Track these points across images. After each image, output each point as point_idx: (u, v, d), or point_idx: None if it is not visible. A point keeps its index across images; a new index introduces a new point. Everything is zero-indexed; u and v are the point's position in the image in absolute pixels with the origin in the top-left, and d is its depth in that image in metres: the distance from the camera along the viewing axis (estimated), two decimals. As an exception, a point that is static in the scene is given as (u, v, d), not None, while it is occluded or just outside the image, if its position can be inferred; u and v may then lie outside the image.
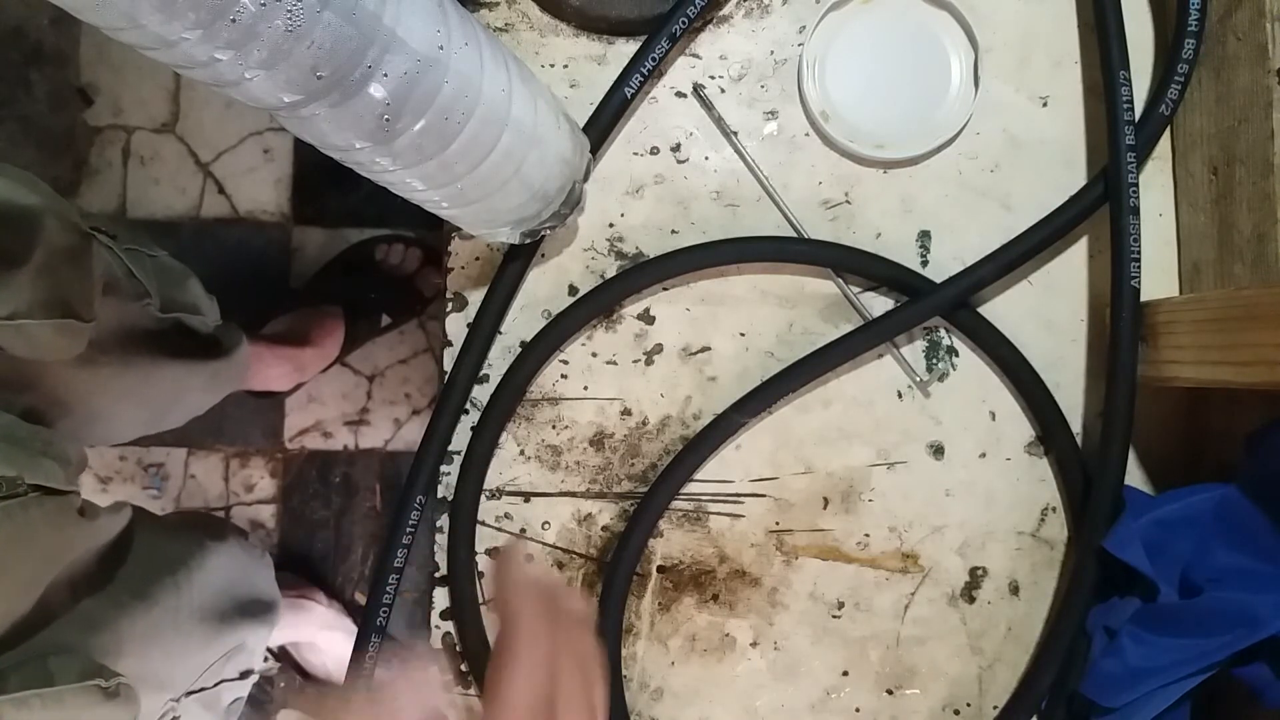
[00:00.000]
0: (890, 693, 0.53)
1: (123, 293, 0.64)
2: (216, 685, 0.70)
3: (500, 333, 0.53)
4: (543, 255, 0.53)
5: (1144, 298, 0.48)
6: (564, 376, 0.53)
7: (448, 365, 0.52)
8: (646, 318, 0.53)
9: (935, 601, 0.53)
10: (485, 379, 0.53)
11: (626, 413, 0.53)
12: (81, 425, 0.61)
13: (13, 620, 0.48)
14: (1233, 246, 0.48)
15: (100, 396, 0.62)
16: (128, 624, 0.57)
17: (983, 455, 0.53)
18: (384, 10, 0.30)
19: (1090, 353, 0.53)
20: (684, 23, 0.50)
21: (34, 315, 0.50)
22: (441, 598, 0.53)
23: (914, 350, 0.53)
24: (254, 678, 0.79)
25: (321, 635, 1.10)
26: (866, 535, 0.53)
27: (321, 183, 1.20)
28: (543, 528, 0.53)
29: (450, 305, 0.53)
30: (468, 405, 0.53)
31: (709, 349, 0.53)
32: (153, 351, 0.69)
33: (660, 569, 0.53)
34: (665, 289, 0.53)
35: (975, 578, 0.53)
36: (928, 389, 0.53)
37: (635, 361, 0.53)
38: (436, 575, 0.53)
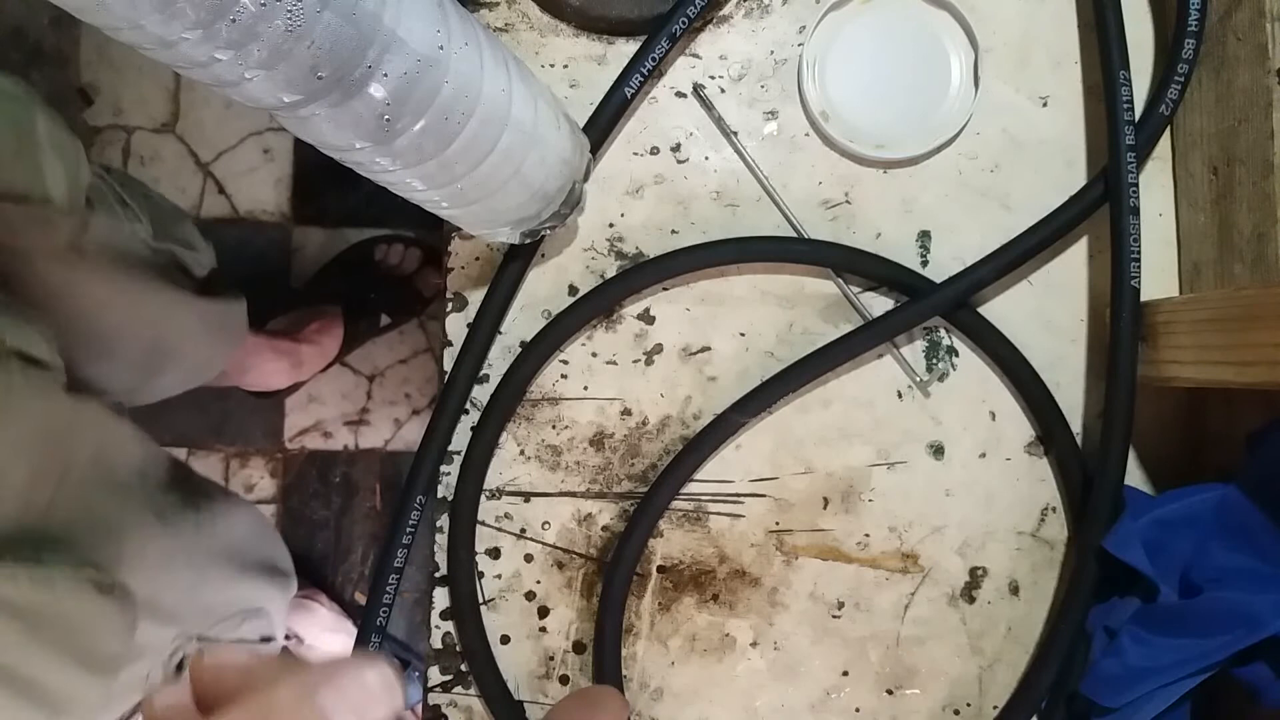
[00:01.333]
0: (890, 693, 0.53)
1: (112, 213, 0.62)
2: (235, 642, 0.69)
3: (500, 333, 0.53)
4: (543, 255, 0.53)
5: (1144, 298, 0.48)
6: (564, 376, 0.53)
7: (448, 365, 0.52)
8: (646, 318, 0.53)
9: (935, 601, 0.53)
10: (485, 379, 0.53)
11: (626, 413, 0.53)
12: (63, 340, 0.58)
13: (5, 491, 0.45)
14: (1233, 246, 0.48)
15: (85, 308, 0.59)
16: (139, 542, 0.54)
17: (983, 455, 0.53)
18: (384, 10, 0.30)
19: (1090, 353, 0.53)
20: (684, 23, 0.50)
21: (11, 196, 0.48)
22: (441, 598, 0.53)
23: (914, 350, 0.53)
24: (276, 647, 0.77)
25: (323, 638, 1.10)
26: (866, 535, 0.53)
27: (321, 183, 1.20)
28: (543, 528, 0.53)
29: (450, 305, 0.53)
30: (468, 405, 0.53)
31: (709, 349, 0.53)
32: (145, 275, 0.67)
33: (660, 569, 0.53)
34: (665, 289, 0.53)
35: (975, 578, 0.53)
36: (928, 389, 0.53)
37: (635, 361, 0.53)
38: (436, 575, 0.53)
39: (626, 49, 0.53)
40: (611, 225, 0.53)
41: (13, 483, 0.45)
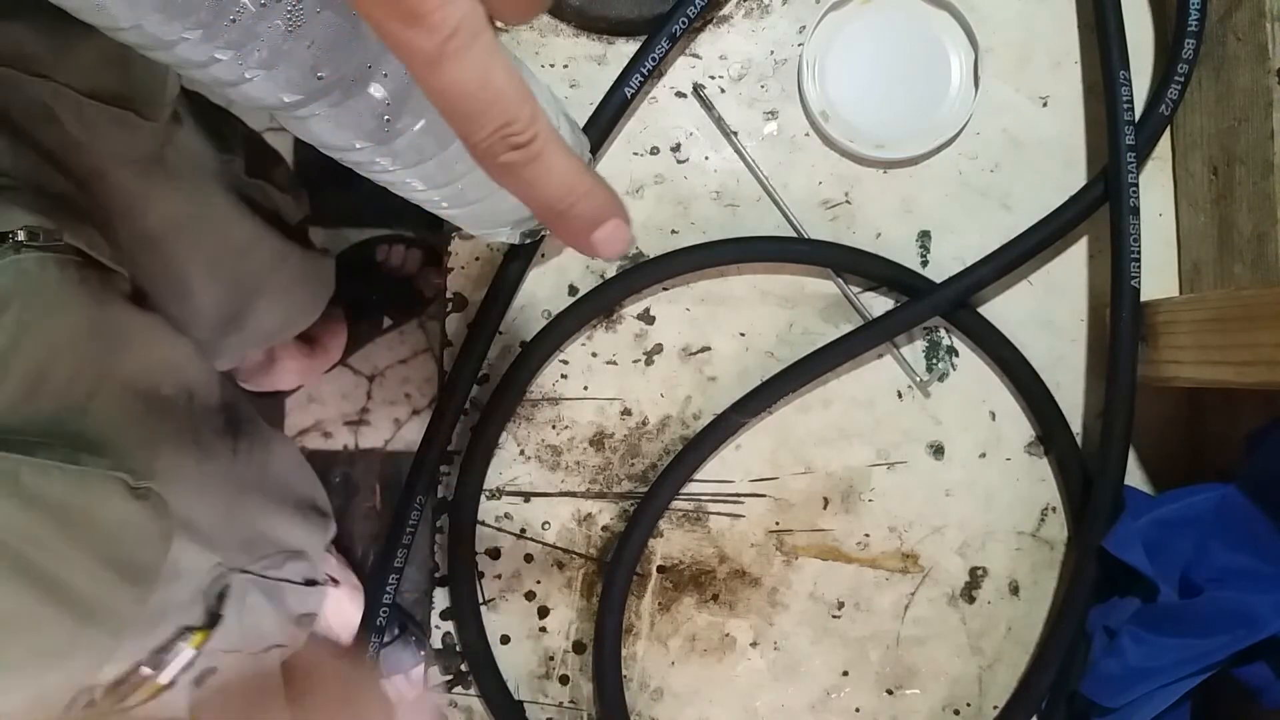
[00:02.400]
0: (890, 693, 0.53)
1: (204, 135, 0.59)
2: (278, 581, 0.66)
3: (500, 333, 0.53)
4: (543, 255, 0.53)
5: (1144, 298, 0.48)
6: (564, 376, 0.53)
7: (448, 365, 0.52)
8: (646, 318, 0.53)
9: (935, 601, 0.53)
10: (485, 379, 0.53)
11: (626, 413, 0.53)
12: (143, 261, 0.55)
13: (48, 386, 0.43)
14: (1233, 246, 0.48)
15: (161, 226, 0.56)
16: (176, 460, 0.53)
17: (983, 455, 0.53)
18: (384, 10, 0.30)
19: (1090, 353, 0.53)
20: (684, 23, 0.50)
21: (94, 96, 0.46)
22: (441, 598, 0.53)
23: (914, 350, 0.53)
24: (321, 592, 0.75)
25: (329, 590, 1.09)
26: (866, 535, 0.53)
27: (321, 183, 1.20)
28: (543, 528, 0.53)
29: (450, 305, 0.53)
30: (468, 405, 0.53)
31: (709, 349, 0.53)
32: (231, 203, 0.63)
33: (660, 569, 0.53)
34: (665, 289, 0.53)
35: (975, 578, 0.53)
36: (928, 389, 0.53)
37: (635, 361, 0.53)
38: (436, 575, 0.53)
39: (626, 49, 0.53)
40: (611, 225, 0.53)
41: (54, 379, 0.43)
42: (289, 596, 0.68)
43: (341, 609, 1.11)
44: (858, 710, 0.53)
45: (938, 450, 0.53)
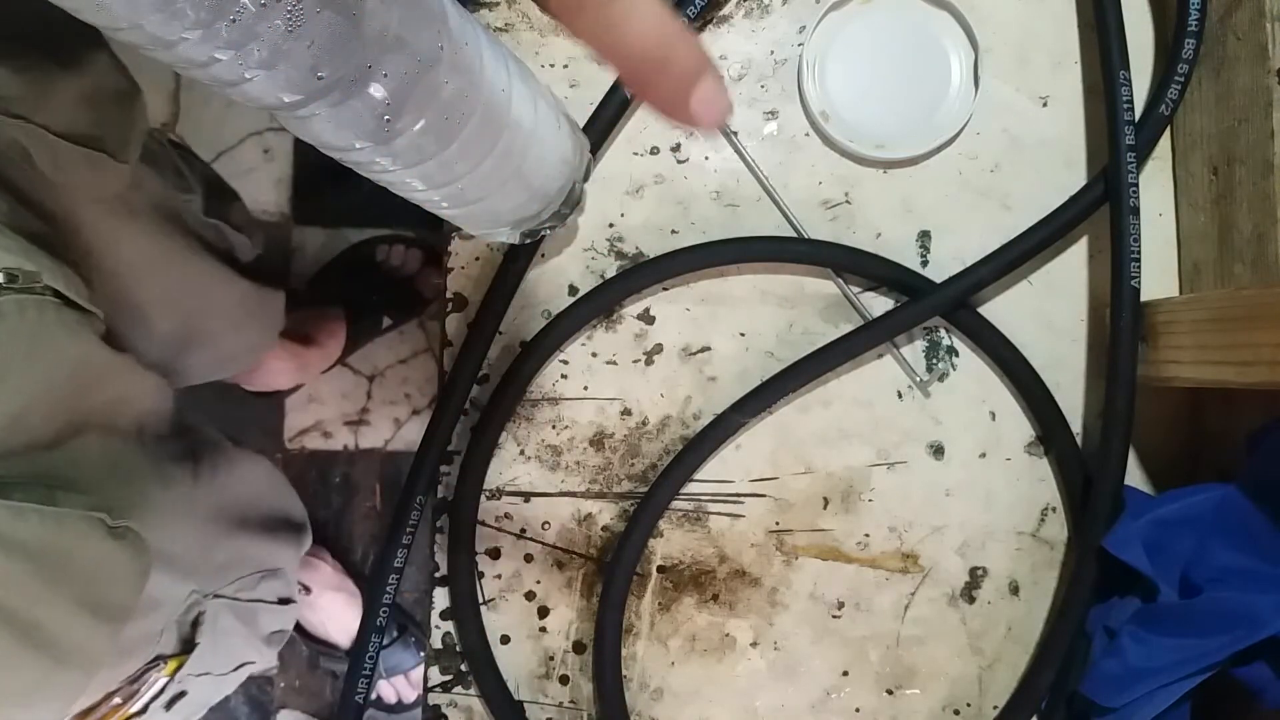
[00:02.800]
0: (890, 693, 0.53)
1: (166, 177, 0.61)
2: (252, 603, 0.67)
3: (500, 333, 0.53)
4: (543, 255, 0.53)
5: (1144, 298, 0.48)
6: (564, 376, 0.53)
7: (448, 365, 0.52)
8: (646, 318, 0.53)
9: (935, 601, 0.53)
10: (485, 379, 0.53)
11: (626, 413, 0.53)
12: (104, 294, 0.56)
13: (23, 428, 0.43)
14: (1233, 246, 0.48)
15: (126, 265, 0.57)
16: (147, 496, 0.53)
17: (983, 455, 0.53)
18: (384, 10, 0.30)
19: (1090, 353, 0.53)
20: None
21: (68, 136, 0.47)
22: (441, 598, 0.53)
23: (914, 350, 0.53)
24: (294, 609, 0.76)
25: (325, 596, 1.10)
26: (866, 535, 0.53)
27: (321, 183, 1.20)
28: (543, 528, 0.53)
29: (450, 305, 0.53)
30: (468, 405, 0.53)
31: (709, 349, 0.53)
32: (190, 244, 0.65)
33: (660, 569, 0.53)
34: (665, 289, 0.53)
35: (975, 578, 0.53)
36: (928, 389, 0.53)
37: (635, 361, 0.53)
38: (436, 575, 0.53)
39: (626, 49, 0.53)
40: (611, 225, 0.53)
41: (32, 420, 0.44)
42: (262, 616, 0.69)
43: (337, 615, 1.11)
44: (858, 710, 0.53)
45: (938, 450, 0.53)
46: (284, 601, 0.73)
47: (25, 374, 0.43)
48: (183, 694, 0.59)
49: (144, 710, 0.53)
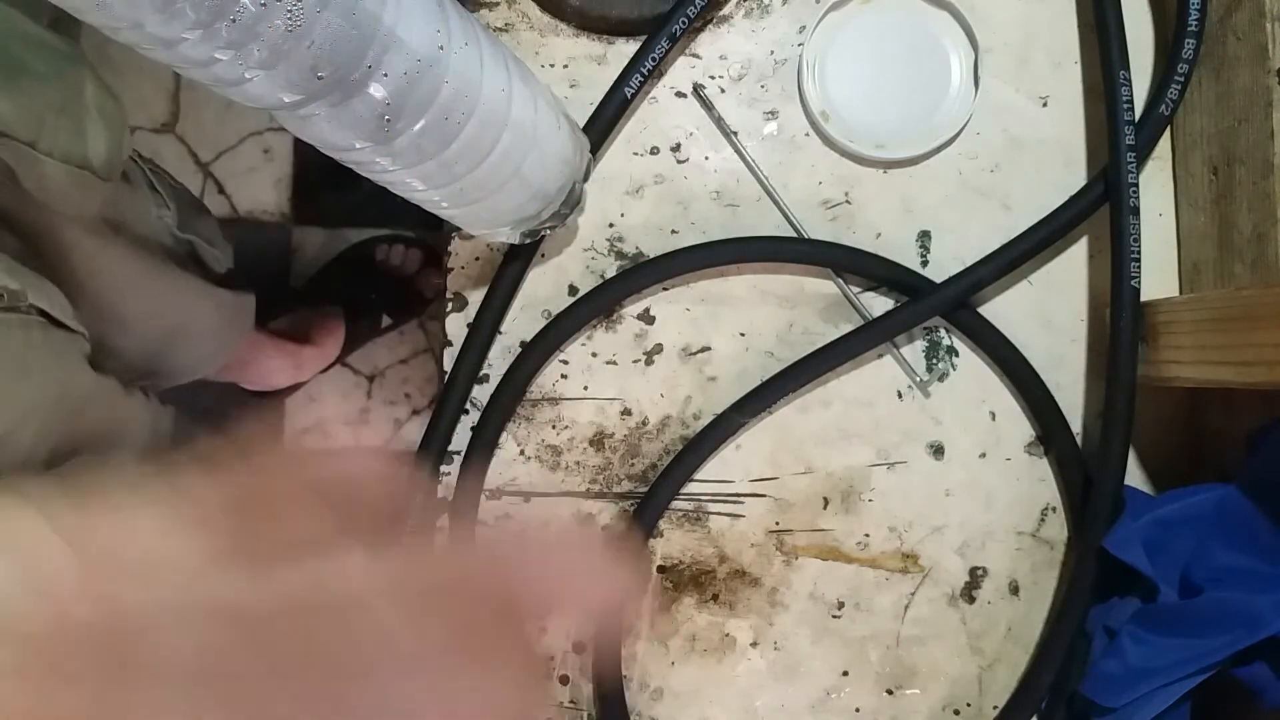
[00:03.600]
0: (890, 693, 0.53)
1: (143, 195, 0.62)
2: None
3: (500, 333, 0.53)
4: (543, 255, 0.53)
5: (1144, 298, 0.48)
6: (564, 376, 0.53)
7: (448, 365, 0.52)
8: (646, 318, 0.53)
9: (935, 601, 0.53)
10: (485, 379, 0.53)
11: (626, 413, 0.53)
12: (87, 312, 0.57)
13: (13, 447, 0.43)
14: (1233, 246, 0.48)
15: (108, 283, 0.59)
16: None
17: (983, 455, 0.53)
18: (384, 10, 0.30)
19: (1090, 353, 0.53)
20: (684, 23, 0.50)
21: (53, 155, 0.48)
22: (441, 598, 0.52)
23: (914, 350, 0.53)
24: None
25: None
26: (866, 535, 0.53)
27: (321, 183, 1.20)
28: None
29: (450, 305, 0.53)
30: (468, 405, 0.53)
31: (709, 349, 0.53)
32: (165, 258, 0.67)
33: (660, 569, 0.53)
34: (665, 289, 0.53)
35: (975, 578, 0.53)
36: (928, 389, 0.53)
37: (635, 361, 0.53)
38: (436, 575, 0.53)
39: (626, 49, 0.53)
40: (611, 225, 0.53)
41: (22, 439, 0.44)
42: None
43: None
44: (858, 710, 0.53)
45: (938, 450, 0.53)
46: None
47: (13, 396, 0.44)
48: None
49: None
